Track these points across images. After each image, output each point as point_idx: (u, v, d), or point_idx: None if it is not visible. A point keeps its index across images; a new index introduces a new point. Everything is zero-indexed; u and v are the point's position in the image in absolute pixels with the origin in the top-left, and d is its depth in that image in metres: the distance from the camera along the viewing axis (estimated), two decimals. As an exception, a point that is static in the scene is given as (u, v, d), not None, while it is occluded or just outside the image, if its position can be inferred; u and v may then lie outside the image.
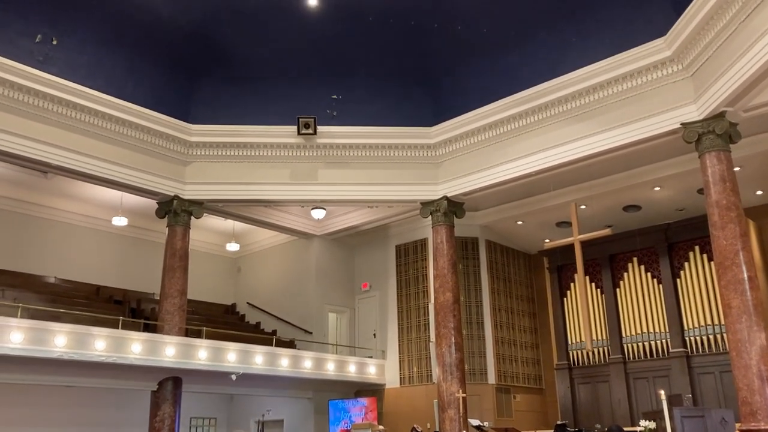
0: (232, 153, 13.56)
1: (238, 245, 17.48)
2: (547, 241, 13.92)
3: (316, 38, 12.79)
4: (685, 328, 13.74)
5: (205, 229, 16.92)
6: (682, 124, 10.35)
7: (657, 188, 13.18)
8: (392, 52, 13.09)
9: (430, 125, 13.55)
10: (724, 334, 11.06)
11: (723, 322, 10.68)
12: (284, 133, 13.39)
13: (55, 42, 11.32)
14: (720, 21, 9.24)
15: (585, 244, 12.09)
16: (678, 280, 14.07)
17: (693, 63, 10.19)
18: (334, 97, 13.52)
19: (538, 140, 12.22)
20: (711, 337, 13.30)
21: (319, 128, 13.22)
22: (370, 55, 13.10)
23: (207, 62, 13.11)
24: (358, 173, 13.68)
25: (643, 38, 10.72)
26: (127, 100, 12.35)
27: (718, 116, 9.91)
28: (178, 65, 12.97)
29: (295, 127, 13.17)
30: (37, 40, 11.12)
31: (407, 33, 12.75)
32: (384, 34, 12.81)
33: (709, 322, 13.35)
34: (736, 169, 10.36)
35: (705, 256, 13.58)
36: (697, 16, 9.51)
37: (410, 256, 16.16)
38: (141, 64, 12.54)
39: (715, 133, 9.92)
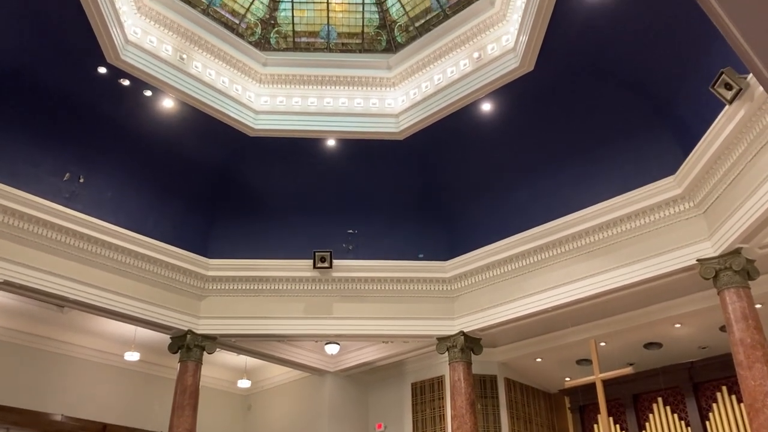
0: (247, 287, 13.60)
1: (249, 382, 17.08)
2: (567, 379, 13.49)
3: (332, 174, 13.26)
4: (719, 475, 12.93)
5: (217, 364, 16.63)
6: (698, 260, 10.31)
7: (677, 325, 12.90)
8: (407, 188, 13.49)
9: (445, 259, 13.62)
10: (762, 484, 10.35)
11: (759, 470, 10.03)
12: (300, 267, 13.48)
13: (82, 180, 11.79)
14: (727, 161, 9.47)
15: (607, 383, 11.68)
16: (707, 422, 13.39)
17: (704, 201, 10.33)
18: (350, 231, 13.74)
19: (553, 276, 12.19)
20: (748, 486, 12.45)
21: (335, 262, 13.33)
22: (385, 191, 13.49)
23: (226, 197, 13.54)
24: (373, 307, 13.58)
25: (653, 176, 10.96)
26: (147, 235, 12.62)
27: (734, 253, 9.87)
28: (198, 200, 13.37)
29: (311, 261, 13.29)
30: (65, 178, 11.61)
31: (422, 169, 13.21)
32: (399, 171, 13.28)
33: (744, 469, 12.57)
34: (758, 306, 10.17)
35: (734, 397, 13.02)
36: (704, 157, 9.77)
37: (426, 394, 15.63)
38: (162, 199, 12.94)
39: (733, 269, 9.83)
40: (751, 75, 8.29)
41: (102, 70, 10.87)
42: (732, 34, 2.86)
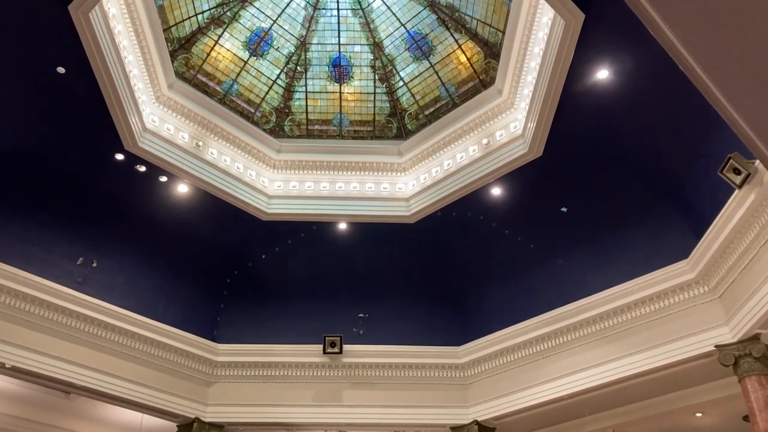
0: (256, 373, 13.36)
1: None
2: (586, 471, 12.95)
3: (344, 258, 13.28)
4: None
5: (224, 453, 16.12)
6: (716, 346, 10.07)
7: (699, 414, 12.46)
8: (418, 271, 13.44)
9: (458, 344, 13.39)
10: None
11: None
12: (309, 352, 13.28)
13: (95, 264, 11.86)
14: (740, 245, 9.41)
15: (628, 476, 11.22)
16: None
17: (719, 285, 10.19)
18: (361, 315, 13.61)
19: (568, 362, 11.92)
20: None
21: (345, 347, 13.13)
22: (396, 275, 13.44)
23: (236, 281, 13.52)
24: (384, 395, 13.25)
25: (666, 260, 10.88)
26: (157, 320, 12.54)
27: (753, 339, 9.63)
28: (208, 284, 13.37)
29: (321, 345, 13.10)
30: (78, 262, 11.68)
31: (433, 253, 13.21)
32: (410, 255, 13.27)
33: None
34: (782, 394, 9.85)
35: (762, 491, 12.41)
36: (717, 241, 9.72)
37: (439, 487, 14.99)
38: (173, 283, 12.93)
39: (753, 356, 9.57)
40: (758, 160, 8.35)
41: (119, 156, 11.14)
42: (736, 122, 2.91)
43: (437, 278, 13.50)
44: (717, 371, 10.59)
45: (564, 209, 11.69)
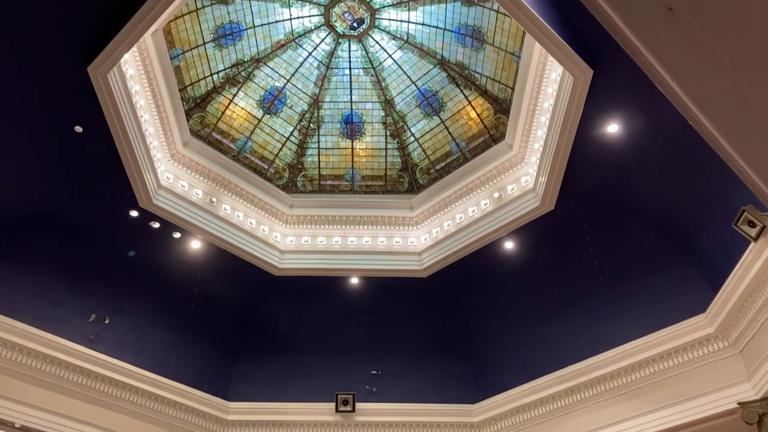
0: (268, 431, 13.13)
1: None
2: None
3: (356, 313, 13.19)
4: None
5: None
6: (738, 403, 9.78)
7: (724, 474, 12.04)
8: (432, 327, 13.29)
9: (473, 402, 13.11)
10: None
11: None
12: (322, 411, 13.03)
13: (107, 321, 11.83)
14: (759, 298, 9.24)
15: None
16: None
17: (739, 340, 9.96)
18: (374, 372, 13.41)
19: (586, 420, 11.60)
20: None
21: (358, 405, 12.89)
22: (409, 330, 13.30)
23: (248, 338, 13.42)
24: (397, 455, 12.95)
25: (684, 314, 10.66)
26: (169, 377, 12.41)
27: (777, 395, 9.39)
28: (220, 341, 13.27)
29: (333, 403, 12.88)
30: (90, 319, 11.66)
31: (446, 307, 13.08)
32: (423, 309, 13.15)
33: None
34: (809, 453, 9.49)
35: None
36: (734, 295, 9.55)
37: None
38: (185, 340, 12.85)
39: (777, 413, 9.32)
40: (773, 212, 8.29)
41: (134, 213, 11.25)
42: (748, 175, 2.89)
43: (450, 333, 13.34)
44: (741, 430, 10.25)
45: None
